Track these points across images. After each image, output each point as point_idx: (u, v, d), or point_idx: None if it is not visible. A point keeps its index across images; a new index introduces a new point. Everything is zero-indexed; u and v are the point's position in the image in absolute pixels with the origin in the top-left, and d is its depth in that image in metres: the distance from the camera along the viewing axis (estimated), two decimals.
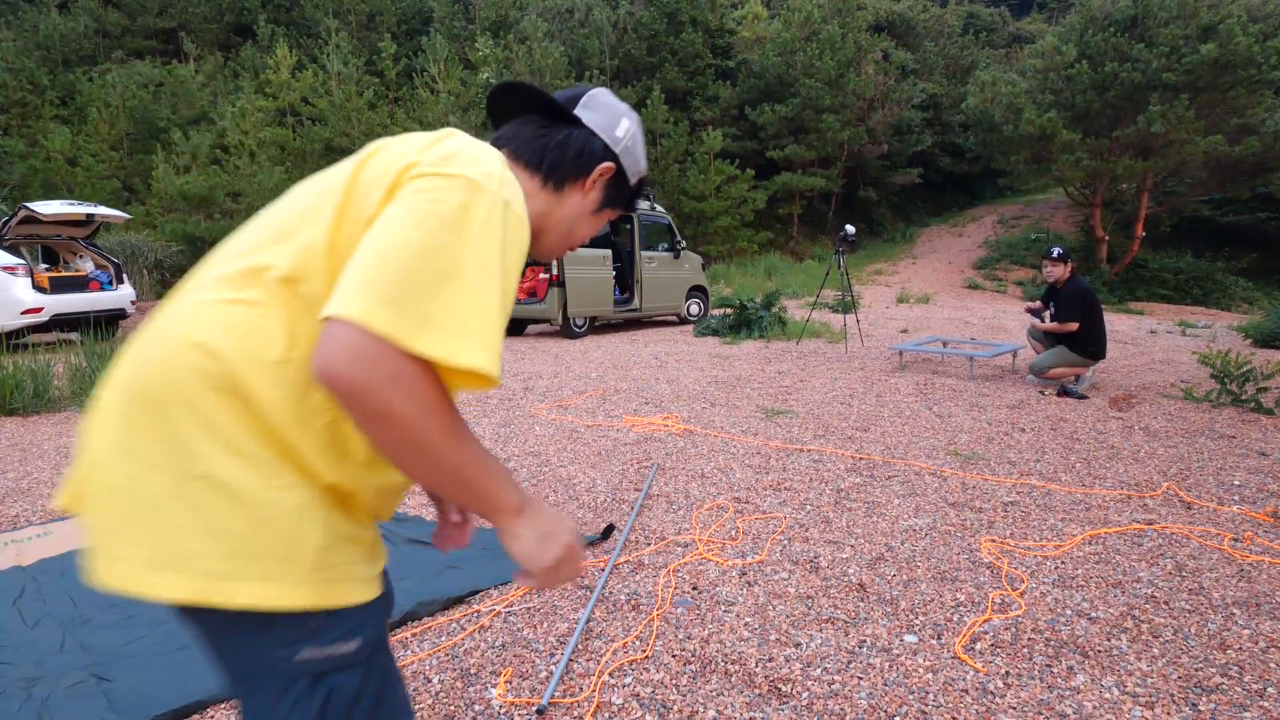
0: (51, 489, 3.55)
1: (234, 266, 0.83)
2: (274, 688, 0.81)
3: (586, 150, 1.04)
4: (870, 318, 11.57)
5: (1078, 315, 5.54)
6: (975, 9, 37.80)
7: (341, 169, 0.89)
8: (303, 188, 0.91)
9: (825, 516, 3.07)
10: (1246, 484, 3.46)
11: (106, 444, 0.79)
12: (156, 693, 1.88)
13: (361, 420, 0.72)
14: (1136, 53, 17.13)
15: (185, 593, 0.75)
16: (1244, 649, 2.05)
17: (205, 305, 0.81)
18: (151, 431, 0.77)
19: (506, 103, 1.08)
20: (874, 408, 5.11)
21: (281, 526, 0.77)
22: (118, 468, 0.78)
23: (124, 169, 19.79)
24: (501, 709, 1.83)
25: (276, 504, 0.77)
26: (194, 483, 0.75)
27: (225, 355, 0.77)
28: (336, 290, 0.74)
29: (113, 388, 0.82)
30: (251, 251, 0.84)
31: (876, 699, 1.84)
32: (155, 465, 0.76)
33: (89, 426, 0.83)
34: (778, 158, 23.66)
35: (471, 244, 0.78)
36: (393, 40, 22.46)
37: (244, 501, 0.75)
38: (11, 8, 26.50)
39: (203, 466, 0.75)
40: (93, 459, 0.80)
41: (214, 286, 0.82)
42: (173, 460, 0.76)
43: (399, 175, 0.83)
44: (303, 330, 0.79)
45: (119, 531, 0.77)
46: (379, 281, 0.72)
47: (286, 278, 0.80)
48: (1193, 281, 18.72)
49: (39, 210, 8.54)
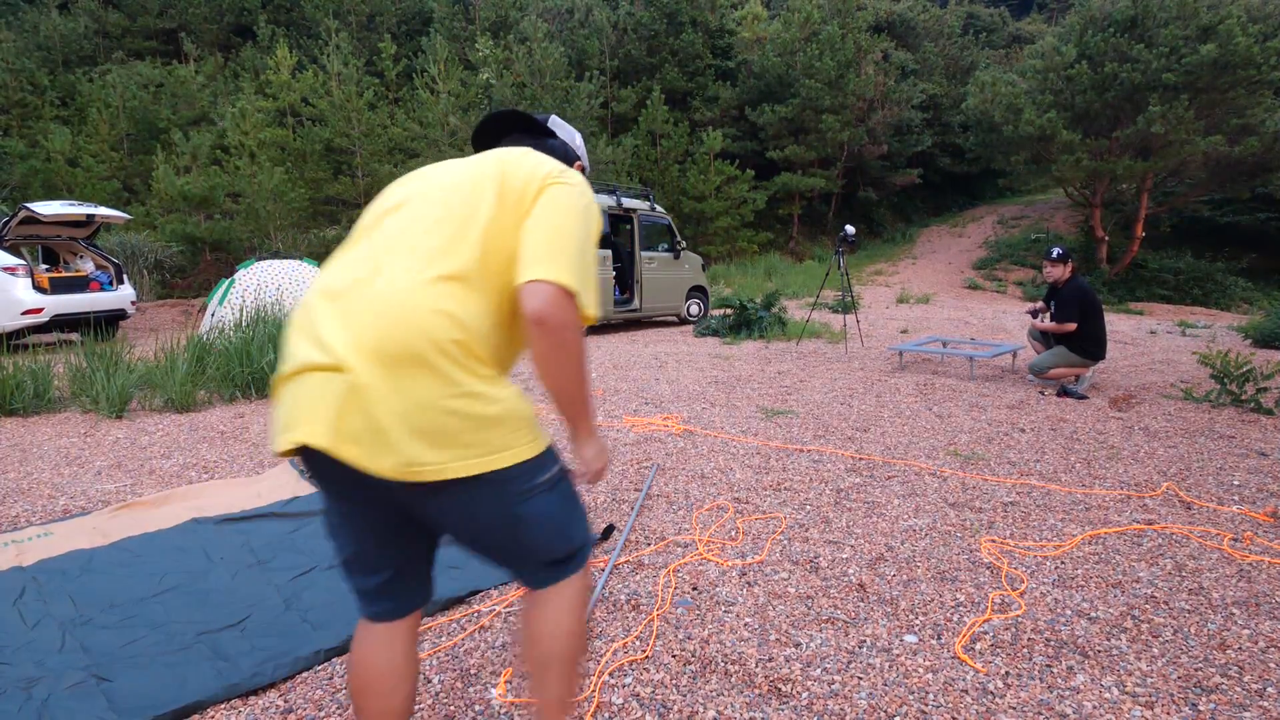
0: (51, 489, 3.55)
1: (437, 260, 1.19)
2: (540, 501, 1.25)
3: (569, 155, 1.56)
4: (870, 318, 11.58)
5: (1077, 315, 5.54)
6: (975, 9, 37.81)
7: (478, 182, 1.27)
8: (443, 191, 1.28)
9: (825, 517, 3.07)
10: (1246, 484, 3.46)
11: (377, 388, 1.10)
12: (156, 693, 1.88)
13: (549, 345, 1.17)
14: (1136, 53, 17.14)
15: (478, 468, 1.15)
16: (1244, 649, 2.05)
17: (431, 284, 1.16)
18: (418, 373, 1.11)
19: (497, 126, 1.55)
20: (874, 408, 5.12)
21: (518, 409, 1.21)
22: (395, 403, 1.11)
23: (124, 169, 19.80)
24: (502, 709, 1.83)
25: (511, 398, 1.20)
26: (461, 399, 1.13)
27: (458, 316, 1.16)
28: (534, 260, 1.18)
29: (357, 349, 1.12)
30: (445, 250, 1.20)
31: (876, 699, 1.84)
32: (436, 395, 1.12)
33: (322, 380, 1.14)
34: (778, 158, 23.67)
35: (591, 230, 1.28)
36: (393, 41, 22.47)
37: (496, 400, 1.18)
38: (11, 8, 26.51)
39: (465, 387, 1.14)
40: (364, 402, 1.11)
41: (426, 270, 1.18)
42: (441, 387, 1.12)
43: (541, 182, 1.28)
44: (495, 296, 1.21)
45: (417, 443, 1.11)
46: (560, 256, 1.19)
47: (478, 266, 1.20)
48: (1193, 282, 18.71)
49: (39, 211, 8.54)
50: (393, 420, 1.11)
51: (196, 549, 2.78)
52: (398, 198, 1.31)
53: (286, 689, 1.94)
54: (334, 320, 1.16)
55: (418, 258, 1.19)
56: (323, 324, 1.17)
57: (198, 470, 3.86)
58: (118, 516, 3.12)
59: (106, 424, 4.85)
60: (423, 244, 1.21)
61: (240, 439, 4.47)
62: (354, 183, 19.42)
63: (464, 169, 1.32)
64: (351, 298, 1.17)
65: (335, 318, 1.16)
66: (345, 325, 1.14)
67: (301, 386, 1.16)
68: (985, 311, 13.44)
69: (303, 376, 1.16)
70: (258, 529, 2.98)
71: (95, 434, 4.60)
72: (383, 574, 1.34)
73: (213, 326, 6.98)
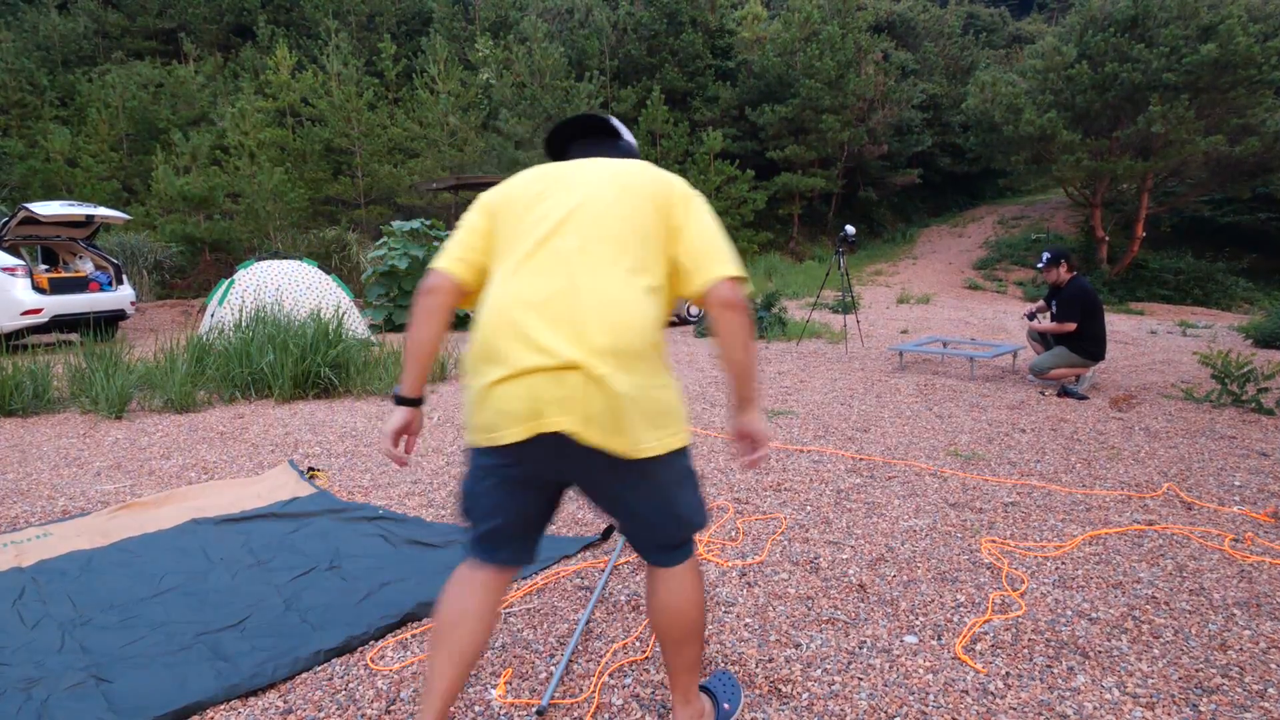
0: (51, 490, 3.55)
1: (639, 274, 1.43)
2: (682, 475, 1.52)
3: (634, 153, 1.74)
4: (870, 318, 11.57)
5: (1077, 315, 5.53)
6: (975, 9, 37.76)
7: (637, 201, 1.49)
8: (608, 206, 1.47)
9: (825, 517, 3.07)
10: (1247, 484, 3.46)
11: (616, 381, 1.35)
12: (156, 693, 1.88)
13: (738, 324, 1.46)
14: (1136, 53, 17.11)
15: (669, 447, 1.43)
16: (1245, 650, 2.05)
17: (643, 295, 1.42)
18: (639, 367, 1.38)
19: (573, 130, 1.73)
20: (874, 408, 5.11)
21: (680, 400, 1.49)
22: (629, 393, 1.36)
23: (124, 170, 19.78)
24: (501, 709, 1.83)
25: (677, 390, 1.48)
26: (662, 390, 1.42)
27: (658, 321, 1.44)
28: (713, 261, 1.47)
29: (590, 350, 1.35)
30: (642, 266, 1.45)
31: (876, 700, 1.84)
32: (647, 385, 1.39)
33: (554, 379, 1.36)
34: (778, 158, 23.64)
35: None
36: (392, 41, 22.45)
37: (676, 391, 1.47)
38: (11, 8, 26.47)
39: (662, 380, 1.43)
40: (606, 393, 1.35)
41: (635, 282, 1.42)
42: (652, 380, 1.40)
43: (681, 197, 1.52)
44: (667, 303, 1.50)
45: (641, 426, 1.38)
46: (725, 253, 1.48)
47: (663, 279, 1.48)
48: (1193, 282, 18.68)
49: (38, 211, 8.53)
50: (628, 407, 1.36)
51: (196, 549, 2.78)
52: (555, 214, 1.47)
53: (286, 689, 1.94)
54: (551, 327, 1.36)
55: (621, 270, 1.42)
56: (537, 331, 1.36)
57: (197, 471, 3.86)
58: (117, 517, 3.12)
59: (106, 424, 4.84)
60: (621, 260, 1.43)
61: (240, 439, 4.47)
62: (354, 183, 19.42)
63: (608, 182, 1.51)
64: (562, 307, 1.37)
65: (551, 325, 1.36)
66: (568, 330, 1.36)
67: (528, 386, 1.36)
68: (985, 312, 13.43)
69: (526, 378, 1.36)
70: (257, 529, 2.98)
71: (95, 434, 4.60)
72: (521, 538, 1.58)
73: (212, 327, 6.97)
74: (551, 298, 1.38)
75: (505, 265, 1.47)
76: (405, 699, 1.88)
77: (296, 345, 5.70)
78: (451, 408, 5.25)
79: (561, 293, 1.38)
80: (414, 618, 2.27)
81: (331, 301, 7.89)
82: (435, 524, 3.03)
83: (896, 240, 25.70)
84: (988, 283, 19.69)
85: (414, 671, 2.00)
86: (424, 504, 3.30)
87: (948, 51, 31.05)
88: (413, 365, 1.56)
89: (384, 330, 10.21)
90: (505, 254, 1.49)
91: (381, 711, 1.83)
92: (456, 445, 4.26)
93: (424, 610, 2.30)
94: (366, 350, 6.37)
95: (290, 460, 3.93)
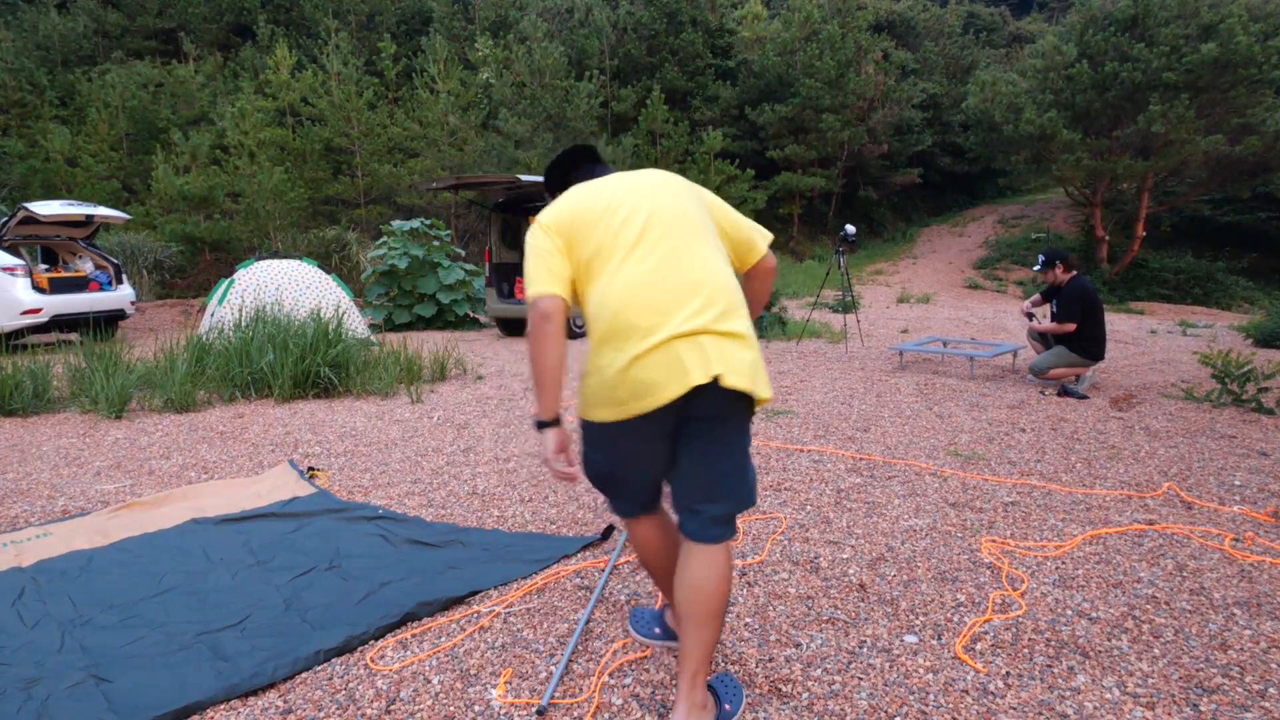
0: (51, 489, 3.55)
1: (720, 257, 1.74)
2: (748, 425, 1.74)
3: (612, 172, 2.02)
4: (870, 318, 11.57)
5: (1077, 315, 5.53)
6: (975, 9, 37.74)
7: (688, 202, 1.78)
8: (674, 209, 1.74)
9: (825, 517, 3.07)
10: (1247, 484, 3.46)
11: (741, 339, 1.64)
12: (156, 693, 1.88)
13: (768, 284, 2.01)
14: (1137, 52, 17.11)
15: (770, 394, 1.67)
16: (1245, 649, 2.05)
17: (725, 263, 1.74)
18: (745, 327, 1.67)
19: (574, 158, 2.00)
20: (874, 408, 5.11)
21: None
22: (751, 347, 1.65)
23: (124, 169, 19.78)
24: (501, 710, 1.83)
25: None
26: (756, 351, 1.66)
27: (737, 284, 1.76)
28: (758, 236, 1.93)
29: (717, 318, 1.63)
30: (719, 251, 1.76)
31: (877, 699, 1.84)
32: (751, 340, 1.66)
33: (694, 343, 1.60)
34: (778, 158, 23.64)
35: None
36: (392, 40, 22.45)
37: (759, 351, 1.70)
38: (11, 8, 26.47)
39: (754, 341, 1.68)
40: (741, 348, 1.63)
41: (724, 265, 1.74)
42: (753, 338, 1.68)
43: (707, 194, 1.88)
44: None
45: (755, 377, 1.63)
46: (760, 229, 1.94)
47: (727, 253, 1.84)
48: (1193, 281, 18.67)
49: (38, 211, 8.53)
50: (754, 357, 1.64)
51: (196, 549, 2.78)
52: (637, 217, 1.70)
53: (286, 689, 1.94)
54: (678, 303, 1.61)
55: (709, 250, 1.71)
56: (668, 307, 1.60)
57: (197, 470, 3.86)
58: (117, 517, 3.12)
59: (106, 424, 4.84)
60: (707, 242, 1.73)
61: (240, 439, 4.47)
62: (353, 182, 19.41)
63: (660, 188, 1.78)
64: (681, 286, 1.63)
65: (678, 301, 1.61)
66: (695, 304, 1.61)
67: (676, 352, 1.58)
68: (985, 311, 13.43)
69: (671, 344, 1.58)
70: (258, 529, 2.98)
71: (94, 434, 4.60)
72: (659, 485, 1.85)
73: (212, 327, 6.97)
74: (667, 278, 1.63)
75: (609, 265, 1.67)
76: (405, 699, 1.88)
77: (296, 345, 5.70)
78: (451, 407, 5.25)
79: (674, 272, 1.64)
80: (414, 617, 2.27)
81: (331, 301, 7.88)
82: (435, 524, 3.03)
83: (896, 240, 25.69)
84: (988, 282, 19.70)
85: (414, 671, 2.00)
86: (424, 504, 3.30)
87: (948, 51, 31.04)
88: (551, 389, 1.67)
89: (384, 330, 10.21)
90: (603, 257, 1.68)
91: (381, 711, 1.83)
92: (456, 445, 4.26)
93: (424, 610, 2.30)
94: (366, 350, 6.37)
95: (290, 460, 3.93)
